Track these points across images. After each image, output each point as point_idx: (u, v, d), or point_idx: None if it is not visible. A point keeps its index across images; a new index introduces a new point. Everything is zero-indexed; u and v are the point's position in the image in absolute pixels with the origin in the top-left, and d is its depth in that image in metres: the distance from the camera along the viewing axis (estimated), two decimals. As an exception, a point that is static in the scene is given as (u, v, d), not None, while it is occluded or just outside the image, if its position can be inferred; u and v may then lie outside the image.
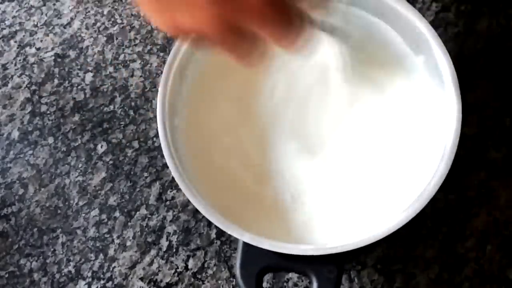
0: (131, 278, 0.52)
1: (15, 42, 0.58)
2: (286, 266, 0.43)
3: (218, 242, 0.52)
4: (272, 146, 0.49)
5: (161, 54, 0.57)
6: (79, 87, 0.56)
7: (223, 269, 0.51)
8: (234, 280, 0.51)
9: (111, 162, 0.54)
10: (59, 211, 0.53)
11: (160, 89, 0.45)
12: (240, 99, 0.50)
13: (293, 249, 0.41)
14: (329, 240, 0.44)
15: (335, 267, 0.42)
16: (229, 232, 0.42)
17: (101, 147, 0.55)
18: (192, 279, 0.51)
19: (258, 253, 0.42)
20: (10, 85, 0.57)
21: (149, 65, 0.57)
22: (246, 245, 0.43)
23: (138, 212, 0.53)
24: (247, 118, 0.49)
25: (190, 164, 0.45)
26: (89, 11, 0.59)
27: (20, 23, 0.59)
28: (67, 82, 0.57)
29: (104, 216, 0.53)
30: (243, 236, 0.42)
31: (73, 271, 0.52)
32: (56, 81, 0.57)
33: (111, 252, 0.52)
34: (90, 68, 0.57)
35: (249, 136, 0.49)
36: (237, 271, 0.43)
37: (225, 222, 0.42)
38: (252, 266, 0.43)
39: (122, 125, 0.55)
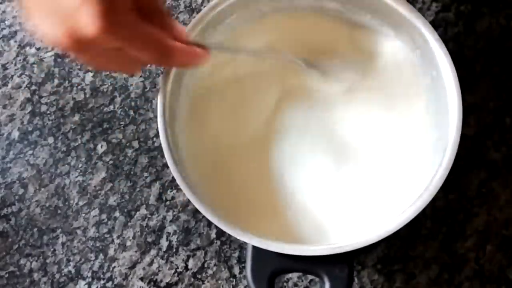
0: (131, 278, 0.52)
1: (15, 42, 0.58)
2: (296, 267, 0.43)
3: (218, 242, 0.52)
4: (275, 147, 0.49)
5: (161, 54, 0.57)
6: (79, 87, 0.56)
7: (223, 269, 0.51)
8: (234, 280, 0.51)
9: (111, 162, 0.54)
10: (59, 211, 0.53)
11: (160, 90, 0.45)
12: (239, 103, 0.50)
13: (304, 250, 0.41)
14: (338, 240, 0.43)
15: (346, 266, 0.42)
16: (238, 237, 0.41)
17: (101, 147, 0.55)
18: (192, 279, 0.51)
19: (267, 256, 0.42)
20: (10, 85, 0.57)
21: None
22: (254, 248, 0.42)
23: (138, 212, 0.53)
24: (247, 120, 0.49)
25: (190, 164, 0.45)
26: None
27: (20, 23, 0.59)
28: (67, 82, 0.57)
29: (104, 216, 0.53)
30: (252, 240, 0.41)
31: (73, 271, 0.52)
32: (56, 81, 0.57)
33: (111, 252, 0.52)
34: (90, 68, 0.57)
35: (250, 137, 0.49)
36: (248, 276, 0.42)
37: (230, 225, 0.42)
38: (263, 269, 0.42)
39: (122, 125, 0.55)
